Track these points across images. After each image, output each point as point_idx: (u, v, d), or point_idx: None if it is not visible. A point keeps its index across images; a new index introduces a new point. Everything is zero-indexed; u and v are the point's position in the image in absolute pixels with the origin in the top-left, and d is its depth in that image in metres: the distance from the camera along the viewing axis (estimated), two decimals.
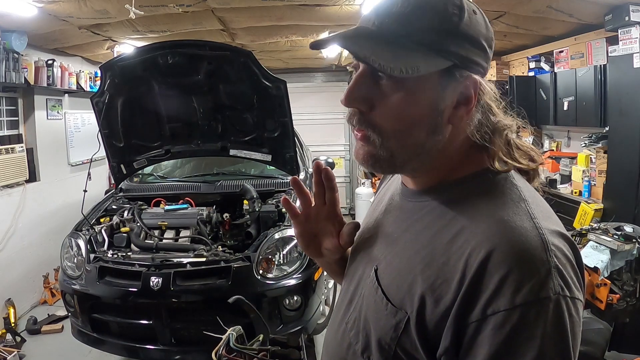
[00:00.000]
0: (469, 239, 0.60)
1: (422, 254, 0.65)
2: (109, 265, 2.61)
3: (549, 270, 0.55)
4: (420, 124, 0.64)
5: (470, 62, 0.64)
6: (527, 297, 0.54)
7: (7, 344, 3.25)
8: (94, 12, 3.11)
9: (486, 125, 0.69)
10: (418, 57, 0.61)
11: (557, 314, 0.54)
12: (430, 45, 0.62)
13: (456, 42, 0.62)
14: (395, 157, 0.66)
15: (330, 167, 3.70)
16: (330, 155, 4.30)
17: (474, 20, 0.64)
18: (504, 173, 0.68)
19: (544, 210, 0.65)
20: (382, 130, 0.65)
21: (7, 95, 3.79)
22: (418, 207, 0.72)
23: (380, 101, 0.64)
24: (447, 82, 0.63)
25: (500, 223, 0.60)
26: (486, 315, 0.55)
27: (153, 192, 3.48)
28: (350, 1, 3.21)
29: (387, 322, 0.66)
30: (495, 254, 0.56)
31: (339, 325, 0.80)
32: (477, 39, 0.64)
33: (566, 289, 0.56)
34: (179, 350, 2.56)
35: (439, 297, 0.60)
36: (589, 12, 3.30)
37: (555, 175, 4.23)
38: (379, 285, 0.70)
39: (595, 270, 2.44)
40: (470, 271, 0.57)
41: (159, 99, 3.02)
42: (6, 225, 3.69)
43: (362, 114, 0.66)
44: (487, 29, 0.66)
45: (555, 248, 0.58)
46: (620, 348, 2.81)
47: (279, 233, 2.75)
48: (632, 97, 3.12)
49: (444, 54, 0.62)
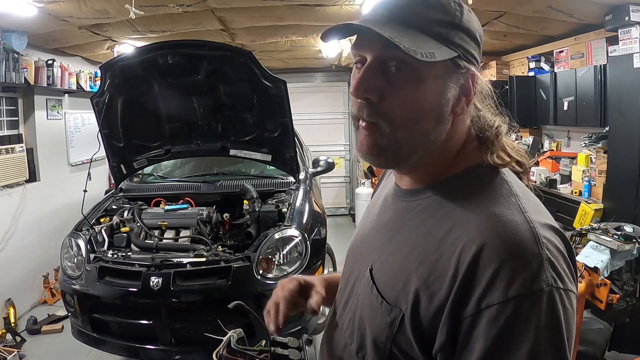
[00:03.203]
0: (461, 234, 0.61)
1: (416, 252, 0.66)
2: (109, 265, 2.60)
3: (541, 263, 0.56)
4: (429, 112, 0.66)
5: (470, 54, 0.67)
6: (520, 289, 0.54)
7: (7, 344, 3.25)
8: (94, 12, 3.11)
9: (481, 117, 0.72)
10: (431, 44, 0.63)
11: (551, 306, 0.55)
12: (438, 35, 0.64)
13: (459, 35, 0.66)
14: (402, 146, 0.67)
15: (330, 167, 3.67)
16: (330, 155, 4.30)
17: (472, 17, 0.69)
18: (496, 169, 0.69)
19: (535, 205, 0.65)
20: (393, 120, 0.66)
21: (7, 95, 3.79)
22: (411, 206, 0.73)
23: (390, 91, 0.65)
24: (452, 72, 0.66)
25: (491, 218, 0.60)
26: (480, 309, 0.55)
27: (153, 192, 3.47)
28: (350, 1, 3.21)
29: (382, 321, 0.66)
30: (487, 248, 0.57)
31: (336, 325, 0.81)
32: (475, 34, 0.68)
33: (559, 281, 0.56)
34: (179, 350, 2.56)
35: (433, 293, 0.60)
36: (589, 12, 3.30)
37: (555, 175, 4.23)
38: (374, 284, 0.70)
39: (595, 270, 2.44)
40: (462, 266, 0.58)
41: (159, 99, 3.02)
42: (6, 225, 3.69)
43: (372, 105, 0.66)
44: (480, 27, 0.70)
45: (546, 240, 0.58)
46: (620, 348, 2.81)
47: (279, 233, 2.75)
48: (632, 97, 3.12)
49: (451, 45, 0.65)
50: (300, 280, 0.89)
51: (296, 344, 0.74)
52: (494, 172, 0.68)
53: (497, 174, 0.68)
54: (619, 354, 2.81)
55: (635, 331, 2.76)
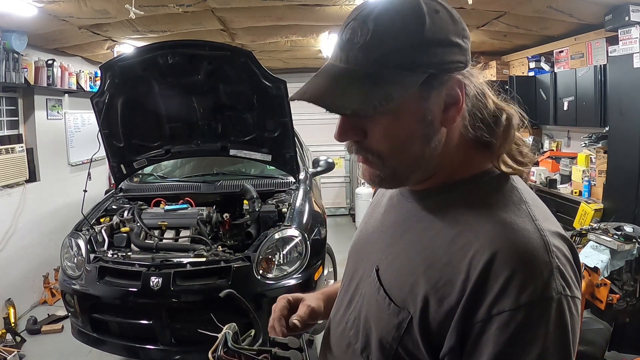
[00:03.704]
0: (471, 240, 0.61)
1: (424, 255, 0.66)
2: (109, 265, 2.60)
3: (552, 271, 0.57)
4: (412, 139, 0.65)
5: (446, 63, 0.62)
6: (531, 297, 0.55)
7: (7, 344, 3.25)
8: (94, 12, 3.11)
9: (481, 114, 0.69)
10: (390, 83, 0.61)
11: (560, 313, 0.56)
12: (400, 65, 0.61)
13: (425, 51, 0.61)
14: (399, 173, 0.68)
15: (330, 167, 3.66)
16: (330, 155, 4.29)
17: (438, 20, 0.62)
18: (505, 174, 0.68)
19: (543, 212, 0.66)
20: (380, 154, 0.66)
21: (7, 95, 3.79)
22: (418, 208, 0.73)
23: (370, 128, 0.65)
24: (428, 92, 0.63)
25: (503, 225, 0.61)
26: (491, 315, 0.56)
27: (153, 192, 3.47)
28: (350, 1, 3.21)
29: (389, 322, 0.67)
30: (500, 256, 0.58)
31: (338, 324, 0.80)
32: (447, 39, 0.62)
33: (567, 289, 0.58)
34: (179, 350, 2.55)
35: (443, 298, 0.61)
36: (589, 12, 3.30)
37: (555, 175, 4.23)
38: (380, 285, 0.70)
39: (595, 270, 2.44)
40: (474, 272, 0.59)
41: (159, 99, 3.02)
42: (6, 225, 3.69)
43: (358, 143, 0.67)
44: (455, 23, 0.64)
45: (556, 249, 0.59)
46: (620, 348, 2.81)
47: (279, 233, 2.74)
48: (632, 97, 3.12)
49: (417, 68, 0.61)
50: (288, 298, 0.91)
51: (297, 344, 0.74)
52: (504, 177, 0.69)
53: (507, 180, 0.68)
54: (619, 354, 2.81)
55: (635, 331, 2.76)
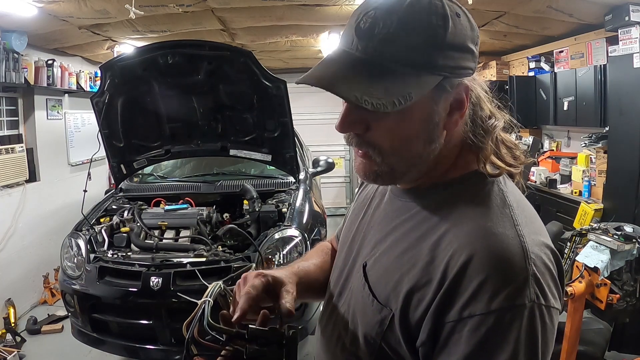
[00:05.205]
0: (452, 241, 0.62)
1: (409, 254, 0.67)
2: (109, 265, 2.60)
3: (526, 278, 0.57)
4: (417, 138, 0.65)
5: (460, 69, 0.63)
6: (502, 303, 0.55)
7: (7, 344, 3.25)
8: (94, 12, 3.11)
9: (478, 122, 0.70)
10: (409, 81, 0.60)
11: (531, 321, 0.56)
12: (419, 65, 0.60)
13: (444, 54, 0.61)
14: (396, 170, 0.68)
15: (330, 167, 3.66)
16: (330, 155, 4.30)
17: (459, 25, 0.62)
18: (493, 177, 0.68)
19: (528, 217, 0.65)
20: (381, 149, 0.66)
21: (7, 95, 3.79)
22: (407, 206, 0.73)
23: (375, 122, 0.64)
24: (440, 95, 0.63)
25: (482, 228, 0.61)
26: (462, 317, 0.57)
27: (153, 192, 3.47)
28: (350, 1, 3.21)
29: (372, 318, 0.68)
30: (476, 259, 0.58)
31: (330, 316, 0.82)
32: (464, 44, 0.62)
33: (542, 297, 0.57)
34: (179, 350, 2.55)
35: (422, 297, 0.62)
36: (589, 12, 3.30)
37: (555, 175, 4.23)
38: (366, 282, 0.72)
39: (595, 270, 2.44)
40: (450, 273, 0.59)
41: (159, 99, 3.02)
42: (6, 225, 3.69)
43: (359, 136, 0.67)
44: (472, 29, 0.64)
45: (534, 256, 0.59)
46: (620, 348, 2.81)
47: (279, 233, 2.75)
48: (632, 97, 3.12)
49: (434, 70, 0.61)
50: (268, 277, 0.77)
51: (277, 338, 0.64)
52: (491, 179, 0.68)
53: (493, 181, 0.68)
54: (619, 354, 2.81)
55: (635, 331, 2.76)
